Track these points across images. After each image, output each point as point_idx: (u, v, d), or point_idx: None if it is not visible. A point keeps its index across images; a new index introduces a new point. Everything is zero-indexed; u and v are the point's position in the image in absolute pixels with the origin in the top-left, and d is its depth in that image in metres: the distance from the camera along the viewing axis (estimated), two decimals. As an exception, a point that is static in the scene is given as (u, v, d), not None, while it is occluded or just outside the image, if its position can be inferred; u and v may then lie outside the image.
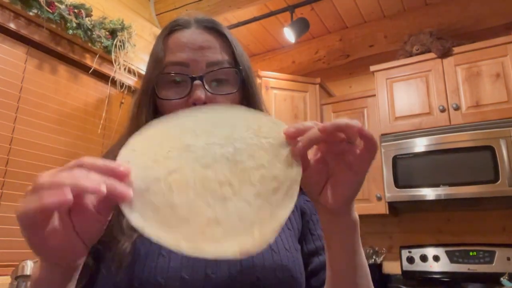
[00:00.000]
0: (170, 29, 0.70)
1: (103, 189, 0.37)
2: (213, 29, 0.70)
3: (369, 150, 0.46)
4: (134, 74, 2.42)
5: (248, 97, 0.70)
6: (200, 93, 0.62)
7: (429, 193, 2.25)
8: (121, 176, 0.40)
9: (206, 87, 0.64)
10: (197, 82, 0.63)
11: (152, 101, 0.67)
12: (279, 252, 0.61)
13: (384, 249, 2.65)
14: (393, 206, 2.50)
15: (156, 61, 0.68)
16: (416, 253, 2.50)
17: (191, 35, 0.68)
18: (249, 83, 0.70)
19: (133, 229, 0.48)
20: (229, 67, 0.67)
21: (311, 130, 0.46)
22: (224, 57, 0.68)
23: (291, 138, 0.47)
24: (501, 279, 2.12)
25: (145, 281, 0.54)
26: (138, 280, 0.54)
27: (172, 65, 0.66)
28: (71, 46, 2.12)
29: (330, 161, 0.48)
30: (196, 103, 0.62)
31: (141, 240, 0.56)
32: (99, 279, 0.56)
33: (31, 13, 1.86)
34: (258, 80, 2.67)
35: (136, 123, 0.65)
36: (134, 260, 0.55)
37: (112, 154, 0.66)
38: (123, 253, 0.55)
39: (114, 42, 2.25)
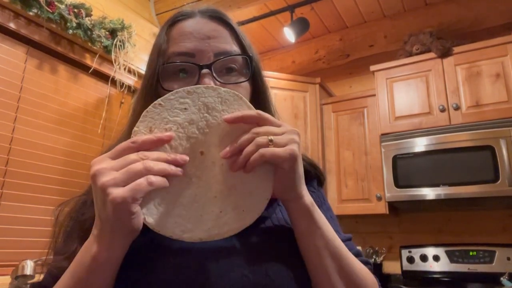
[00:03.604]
0: (173, 20, 0.66)
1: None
2: (219, 18, 0.65)
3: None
4: (134, 74, 2.42)
5: (257, 93, 0.67)
6: (208, 82, 0.58)
7: (429, 193, 2.25)
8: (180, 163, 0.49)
9: (215, 75, 0.60)
10: (205, 70, 0.59)
11: (156, 95, 0.61)
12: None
13: (384, 249, 2.65)
14: (393, 206, 2.50)
15: (159, 52, 0.63)
16: (416, 253, 2.50)
17: (196, 24, 0.64)
18: (259, 78, 0.67)
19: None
20: (239, 54, 0.63)
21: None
22: (233, 47, 0.64)
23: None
24: (501, 279, 2.12)
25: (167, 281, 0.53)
26: (146, 281, 0.53)
27: (177, 55, 0.61)
28: (71, 46, 2.12)
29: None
30: None
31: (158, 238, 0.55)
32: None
33: (31, 13, 1.86)
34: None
35: (137, 117, 0.64)
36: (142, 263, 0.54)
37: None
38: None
39: (114, 42, 2.25)
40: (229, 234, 0.51)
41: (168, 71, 0.62)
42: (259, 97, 0.67)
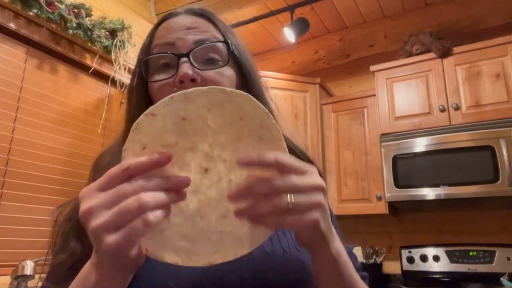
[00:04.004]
0: (160, 20, 0.68)
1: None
2: (203, 15, 0.67)
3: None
4: (134, 74, 2.41)
5: (248, 87, 0.66)
6: (186, 69, 0.58)
7: (429, 193, 2.25)
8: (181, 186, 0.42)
9: (194, 63, 0.59)
10: (183, 59, 0.59)
11: (144, 88, 0.64)
12: (291, 252, 0.60)
13: (384, 249, 2.65)
14: (393, 206, 2.50)
15: (143, 48, 0.66)
16: (416, 253, 2.50)
17: (180, 20, 0.65)
18: (246, 69, 0.66)
19: None
20: (218, 41, 0.63)
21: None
22: (215, 36, 0.64)
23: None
24: (501, 279, 2.12)
25: (156, 285, 0.53)
26: (147, 285, 0.53)
27: (158, 46, 0.63)
28: (71, 46, 2.12)
29: None
30: (183, 80, 0.57)
31: None
32: None
33: (31, 13, 1.86)
34: (258, 80, 2.67)
35: (130, 117, 0.64)
36: (143, 265, 0.54)
37: (110, 152, 0.65)
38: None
39: (114, 42, 2.25)
40: (241, 254, 0.46)
41: (152, 64, 0.63)
42: (252, 92, 0.65)
